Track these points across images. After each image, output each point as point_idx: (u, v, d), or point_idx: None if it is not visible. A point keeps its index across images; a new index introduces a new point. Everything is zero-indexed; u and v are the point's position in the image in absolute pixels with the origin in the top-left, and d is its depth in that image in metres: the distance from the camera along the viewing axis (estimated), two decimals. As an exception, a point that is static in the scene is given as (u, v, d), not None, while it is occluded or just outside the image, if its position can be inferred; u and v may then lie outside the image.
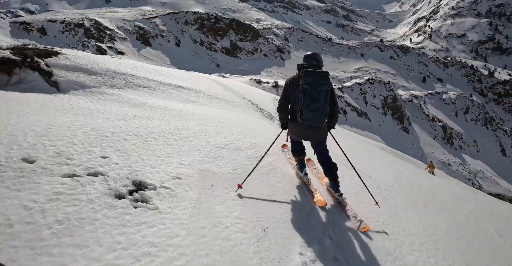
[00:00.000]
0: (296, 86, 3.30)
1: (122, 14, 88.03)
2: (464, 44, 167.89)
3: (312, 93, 3.17)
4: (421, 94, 61.95)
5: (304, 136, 3.61)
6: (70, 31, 72.38)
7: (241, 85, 13.86)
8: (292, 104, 3.47)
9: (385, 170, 6.18)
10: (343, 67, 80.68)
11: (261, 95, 11.62)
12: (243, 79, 50.89)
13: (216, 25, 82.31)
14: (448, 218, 4.61)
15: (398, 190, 4.97)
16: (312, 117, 3.24)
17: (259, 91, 13.64)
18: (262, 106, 8.80)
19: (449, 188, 7.29)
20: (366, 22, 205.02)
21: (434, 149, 50.22)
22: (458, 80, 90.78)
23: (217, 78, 12.52)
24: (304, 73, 3.21)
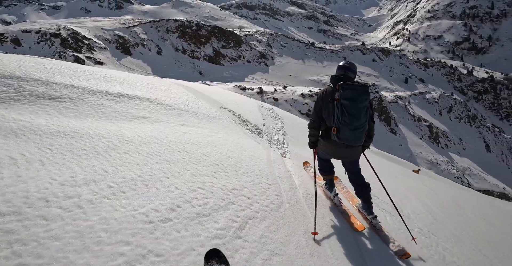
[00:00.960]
0: (331, 100, 2.90)
1: (101, 23, 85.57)
2: (441, 45, 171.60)
3: (352, 110, 2.79)
4: (405, 95, 61.83)
5: (337, 155, 3.22)
6: (46, 41, 69.58)
7: (221, 91, 12.23)
8: (325, 120, 3.05)
9: (417, 199, 4.82)
10: (327, 71, 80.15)
11: (245, 103, 9.89)
12: (227, 86, 49.42)
13: (198, 32, 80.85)
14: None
15: (447, 233, 3.69)
16: (351, 136, 2.85)
17: (242, 98, 12.05)
18: (246, 117, 7.14)
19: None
20: (346, 26, 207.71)
21: (422, 149, 49.72)
22: (438, 80, 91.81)
23: (190, 84, 10.84)
24: (342, 87, 2.81)
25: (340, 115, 2.80)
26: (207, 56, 77.98)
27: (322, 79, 75.01)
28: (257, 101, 14.14)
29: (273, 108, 12.42)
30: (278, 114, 10.59)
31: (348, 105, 2.76)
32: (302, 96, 45.60)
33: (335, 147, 3.04)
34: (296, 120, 11.68)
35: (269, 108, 11.46)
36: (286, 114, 12.96)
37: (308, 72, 77.79)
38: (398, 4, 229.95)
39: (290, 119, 10.93)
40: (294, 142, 6.77)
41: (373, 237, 3.01)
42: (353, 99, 2.77)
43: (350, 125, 2.80)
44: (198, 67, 74.89)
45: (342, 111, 2.78)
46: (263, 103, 14.23)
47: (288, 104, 44.15)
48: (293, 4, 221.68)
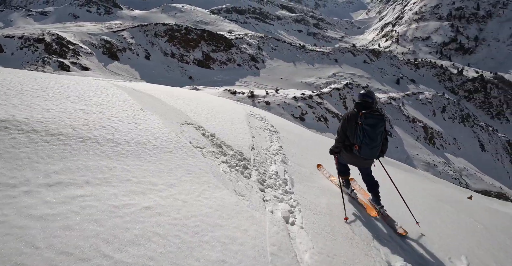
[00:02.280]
0: (355, 123, 3.69)
1: (87, 28, 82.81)
2: (429, 46, 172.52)
3: (371, 134, 3.60)
4: (398, 95, 60.30)
5: (356, 164, 4.11)
6: (29, 47, 66.65)
7: (197, 96, 9.98)
8: (349, 137, 3.85)
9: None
10: (318, 73, 78.67)
11: (228, 112, 7.53)
12: (217, 91, 47.21)
13: (187, 36, 78.59)
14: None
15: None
16: (370, 152, 3.70)
17: (226, 105, 9.76)
18: (226, 137, 4.91)
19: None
20: (336, 29, 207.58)
21: (418, 151, 48.07)
22: (429, 80, 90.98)
23: (145, 87, 8.49)
24: (364, 115, 3.60)
25: (362, 137, 3.61)
26: (196, 60, 75.70)
27: (314, 81, 73.34)
28: (246, 107, 11.93)
29: (266, 116, 10.25)
30: (273, 125, 8.40)
31: (368, 130, 3.58)
32: (295, 99, 43.60)
33: (354, 158, 3.92)
34: (294, 130, 9.56)
35: (261, 117, 9.25)
36: (282, 123, 10.76)
37: (299, 75, 76.02)
38: (386, 6, 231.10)
39: (287, 131, 8.78)
40: (299, 170, 4.86)
41: (382, 221, 3.91)
42: (372, 125, 3.59)
43: (369, 145, 3.63)
44: (188, 72, 72.53)
45: (364, 134, 3.60)
46: (253, 110, 12.02)
47: (281, 108, 42.09)
48: (283, 7, 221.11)
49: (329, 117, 43.86)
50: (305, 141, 8.58)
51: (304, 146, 7.66)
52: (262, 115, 9.54)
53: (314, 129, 39.37)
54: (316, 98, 45.69)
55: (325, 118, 43.18)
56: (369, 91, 3.92)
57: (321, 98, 46.24)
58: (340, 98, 48.07)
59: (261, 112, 11.41)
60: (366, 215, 3.93)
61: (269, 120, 9.13)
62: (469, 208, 6.89)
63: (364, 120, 3.53)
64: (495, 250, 4.29)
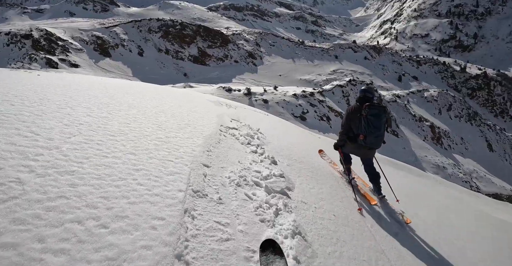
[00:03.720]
0: (359, 115, 3.99)
1: (79, 23, 78.42)
2: (428, 44, 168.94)
3: (375, 123, 3.88)
4: (403, 93, 56.48)
5: (359, 154, 4.35)
6: (16, 43, 62.39)
7: (120, 84, 6.31)
8: (353, 129, 4.14)
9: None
10: (318, 70, 74.68)
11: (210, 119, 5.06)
12: (211, 88, 43.24)
13: (182, 32, 74.33)
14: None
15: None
16: (375, 141, 3.97)
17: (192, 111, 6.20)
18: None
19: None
20: (334, 27, 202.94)
21: (426, 152, 44.33)
22: (432, 77, 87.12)
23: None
24: (368, 107, 3.91)
25: (367, 126, 3.90)
26: (192, 56, 71.51)
27: (313, 78, 69.41)
28: (219, 103, 8.38)
29: (260, 128, 6.35)
30: (277, 149, 4.93)
31: (373, 120, 3.88)
32: (295, 97, 39.71)
33: (359, 148, 4.20)
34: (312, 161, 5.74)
35: (249, 129, 5.61)
36: (290, 142, 6.87)
37: (298, 72, 71.95)
38: (385, 4, 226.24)
39: (304, 161, 5.10)
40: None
41: (381, 208, 4.09)
42: (376, 115, 3.89)
43: (374, 134, 3.91)
44: (183, 68, 68.40)
45: (368, 124, 3.89)
46: (238, 110, 8.39)
47: (280, 106, 38.21)
48: (281, 5, 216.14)
49: (331, 116, 40.01)
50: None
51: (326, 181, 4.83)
52: (255, 127, 6.00)
53: (316, 129, 35.53)
54: (318, 95, 41.82)
55: (328, 117, 39.34)
56: (370, 87, 4.39)
57: (323, 95, 42.38)
58: (343, 95, 44.20)
59: (252, 115, 7.76)
60: (368, 203, 4.10)
61: (266, 134, 5.66)
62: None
63: (369, 111, 3.85)
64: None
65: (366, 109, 3.85)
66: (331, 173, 5.03)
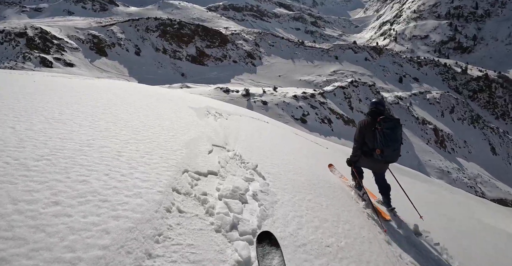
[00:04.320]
0: (373, 129, 3.81)
1: (75, 22, 76.50)
2: (428, 45, 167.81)
3: (393, 137, 3.69)
4: (405, 95, 54.80)
5: (374, 168, 4.16)
6: (10, 41, 60.45)
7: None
8: (367, 144, 3.95)
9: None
10: (318, 71, 72.92)
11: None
12: (208, 89, 41.43)
13: (180, 31, 72.49)
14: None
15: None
16: (392, 155, 3.77)
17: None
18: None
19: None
20: (334, 28, 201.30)
21: (430, 156, 42.63)
22: (433, 79, 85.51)
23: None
24: (383, 120, 3.74)
25: (384, 140, 3.67)
26: (190, 56, 69.65)
27: (313, 79, 67.66)
28: (206, 113, 6.75)
29: (259, 162, 4.17)
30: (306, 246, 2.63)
31: (389, 134, 3.68)
32: (295, 98, 37.94)
33: (374, 162, 4.00)
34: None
35: (240, 165, 3.65)
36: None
37: (298, 72, 70.16)
38: (384, 5, 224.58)
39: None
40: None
41: (395, 222, 3.90)
42: (393, 128, 3.71)
43: (391, 148, 3.69)
44: (180, 68, 66.55)
45: (385, 137, 3.67)
46: (230, 121, 6.57)
47: (279, 108, 36.43)
48: (280, 5, 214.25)
49: (333, 119, 38.26)
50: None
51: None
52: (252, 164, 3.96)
53: (317, 132, 33.77)
54: (319, 97, 40.06)
55: (329, 120, 37.59)
56: (380, 99, 4.23)
57: (324, 97, 40.62)
58: (345, 97, 42.44)
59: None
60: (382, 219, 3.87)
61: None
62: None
63: (384, 124, 3.67)
64: None
65: (381, 122, 3.74)
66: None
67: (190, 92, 37.28)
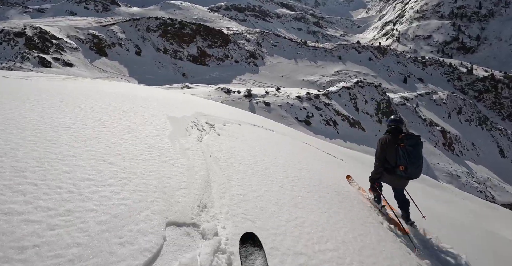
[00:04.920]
0: (396, 146, 3.80)
1: (75, 22, 75.15)
2: (431, 45, 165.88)
3: (415, 154, 3.69)
4: (411, 96, 52.96)
5: (395, 184, 4.15)
6: (8, 41, 59.19)
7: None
8: (388, 160, 3.94)
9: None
10: (321, 71, 71.14)
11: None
12: (209, 89, 39.79)
13: (181, 30, 70.94)
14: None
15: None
16: (416, 171, 3.77)
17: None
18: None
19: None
20: (336, 28, 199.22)
21: (438, 159, 40.82)
22: (438, 79, 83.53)
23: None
24: (406, 137, 3.75)
25: (407, 157, 3.67)
26: (191, 56, 68.06)
27: (317, 79, 65.91)
28: (193, 123, 5.47)
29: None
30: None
31: (412, 151, 3.66)
32: (299, 99, 36.26)
33: (397, 178, 3.97)
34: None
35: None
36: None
37: (301, 73, 68.37)
38: (386, 5, 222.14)
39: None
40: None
41: (415, 237, 3.78)
42: (415, 145, 3.69)
43: (415, 164, 3.70)
44: (181, 68, 64.99)
45: (408, 154, 3.66)
46: (222, 137, 4.91)
47: (283, 110, 34.78)
48: (283, 5, 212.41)
49: (338, 120, 36.55)
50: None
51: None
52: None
53: (322, 135, 32.10)
54: (324, 98, 38.37)
55: (334, 122, 35.88)
56: (399, 116, 4.29)
57: (329, 98, 38.92)
58: (350, 98, 40.70)
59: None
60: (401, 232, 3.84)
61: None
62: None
63: (407, 141, 3.68)
64: None
65: (403, 139, 3.74)
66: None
67: (190, 92, 35.68)
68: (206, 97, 32.07)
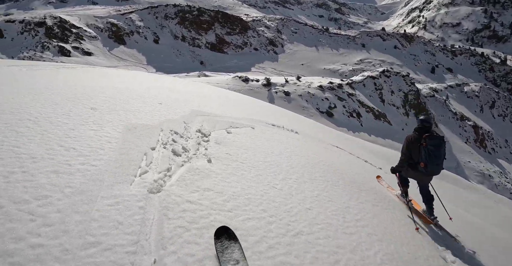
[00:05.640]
0: (419, 145, 3.96)
1: (95, 11, 74.56)
2: (460, 33, 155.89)
3: (436, 153, 3.84)
4: (440, 87, 49.24)
5: (419, 179, 4.33)
6: (29, 31, 59.36)
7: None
8: (413, 157, 4.10)
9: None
10: (344, 60, 67.70)
11: None
12: (226, 78, 38.07)
13: (199, 17, 68.98)
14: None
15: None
16: (436, 169, 3.94)
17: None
18: None
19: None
20: (359, 15, 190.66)
21: (469, 157, 37.68)
22: (468, 69, 77.96)
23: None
24: (429, 137, 3.88)
25: (428, 156, 3.84)
26: (209, 43, 66.23)
27: (338, 68, 62.73)
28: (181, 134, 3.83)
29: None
30: None
31: (433, 150, 3.81)
32: (321, 89, 33.97)
33: (419, 174, 4.15)
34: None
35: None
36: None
37: (322, 61, 65.27)
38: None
39: None
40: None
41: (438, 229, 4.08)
42: (437, 145, 3.83)
43: (434, 163, 3.86)
44: (199, 56, 63.41)
45: (429, 153, 3.83)
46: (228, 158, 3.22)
47: (303, 100, 32.65)
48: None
49: (362, 112, 34.09)
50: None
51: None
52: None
53: (345, 127, 29.86)
54: (347, 88, 35.86)
55: (358, 114, 33.48)
56: (428, 116, 4.20)
57: (353, 88, 36.36)
58: (375, 88, 37.92)
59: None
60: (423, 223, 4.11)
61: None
62: None
63: (429, 141, 3.82)
64: None
65: (426, 139, 3.86)
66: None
67: (207, 81, 34.10)
68: (223, 85, 30.37)
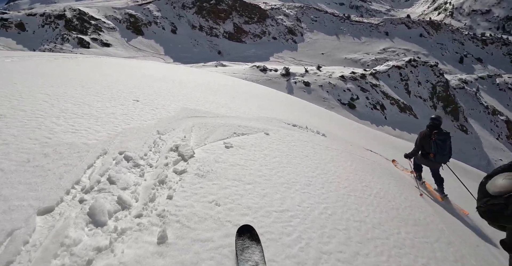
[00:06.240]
0: (429, 139, 4.82)
1: (113, 2, 74.45)
2: (490, 21, 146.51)
3: (443, 146, 4.70)
4: (470, 78, 46.03)
5: (430, 166, 5.11)
6: (50, 24, 60.02)
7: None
8: (424, 148, 4.97)
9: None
10: (366, 49, 64.68)
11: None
12: (243, 67, 36.83)
13: (217, 6, 67.46)
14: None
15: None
16: (443, 158, 4.80)
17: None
18: None
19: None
20: (381, 2, 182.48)
21: (501, 154, 35.01)
22: (499, 60, 72.92)
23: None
24: (437, 134, 4.75)
25: (436, 148, 4.71)
26: (227, 33, 64.83)
27: (360, 57, 60.01)
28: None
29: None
30: None
31: (440, 144, 4.68)
32: (343, 79, 32.23)
33: (429, 162, 4.98)
34: None
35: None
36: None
37: (343, 50, 62.63)
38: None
39: None
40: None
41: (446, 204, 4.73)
42: (443, 140, 4.70)
43: (441, 153, 4.71)
44: (217, 46, 62.26)
45: (437, 146, 4.70)
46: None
47: (324, 91, 31.09)
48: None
49: (387, 104, 32.19)
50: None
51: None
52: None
53: (368, 120, 28.19)
54: (370, 78, 33.89)
55: (382, 106, 31.61)
56: (438, 115, 5.03)
57: (377, 78, 34.32)
58: (401, 79, 35.68)
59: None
60: (435, 199, 4.83)
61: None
62: None
63: (437, 136, 4.74)
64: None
65: (435, 135, 4.73)
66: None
67: (224, 71, 33.08)
68: (240, 75, 29.24)
